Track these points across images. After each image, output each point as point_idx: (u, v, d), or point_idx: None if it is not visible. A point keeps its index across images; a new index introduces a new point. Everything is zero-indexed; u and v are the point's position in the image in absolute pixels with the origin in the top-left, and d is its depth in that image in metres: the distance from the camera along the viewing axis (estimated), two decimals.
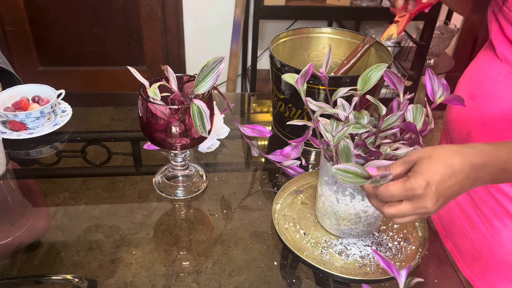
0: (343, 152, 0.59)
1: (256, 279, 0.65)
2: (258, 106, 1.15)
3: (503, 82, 0.70)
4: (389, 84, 0.65)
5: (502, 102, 0.70)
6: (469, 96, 0.76)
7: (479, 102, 0.73)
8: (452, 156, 0.53)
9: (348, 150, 0.59)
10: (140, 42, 2.32)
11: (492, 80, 0.72)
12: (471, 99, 0.75)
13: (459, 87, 0.80)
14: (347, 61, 0.92)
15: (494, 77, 0.71)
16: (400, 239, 0.72)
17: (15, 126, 0.91)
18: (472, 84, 0.76)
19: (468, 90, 0.77)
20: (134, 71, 0.68)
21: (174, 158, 0.79)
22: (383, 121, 0.62)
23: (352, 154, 0.58)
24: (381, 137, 0.64)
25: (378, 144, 0.63)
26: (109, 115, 1.03)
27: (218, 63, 0.64)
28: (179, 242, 0.71)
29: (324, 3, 1.98)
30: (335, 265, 0.67)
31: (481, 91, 0.73)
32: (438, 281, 0.67)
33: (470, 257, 0.82)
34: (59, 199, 0.78)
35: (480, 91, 0.74)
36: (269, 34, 2.34)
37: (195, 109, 0.64)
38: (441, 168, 0.52)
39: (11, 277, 0.64)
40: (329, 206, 0.68)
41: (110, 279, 0.64)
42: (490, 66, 0.73)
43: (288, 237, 0.71)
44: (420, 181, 0.51)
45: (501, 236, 0.74)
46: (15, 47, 2.26)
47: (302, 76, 0.65)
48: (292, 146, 0.75)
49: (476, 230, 0.79)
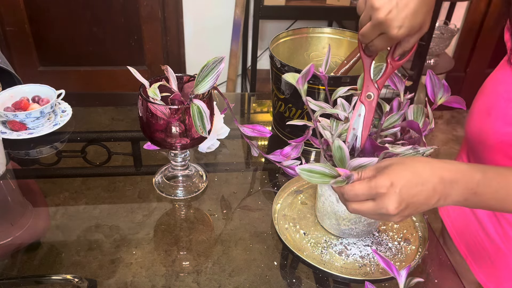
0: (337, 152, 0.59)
1: (256, 279, 0.65)
2: (258, 106, 1.15)
3: None
4: (390, 84, 0.65)
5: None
6: (485, 112, 0.74)
7: (494, 119, 0.72)
8: (422, 166, 0.53)
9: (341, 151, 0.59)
10: (140, 42, 2.32)
11: (508, 100, 0.70)
12: (487, 115, 0.74)
13: (477, 99, 0.78)
14: (347, 61, 0.92)
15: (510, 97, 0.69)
16: (400, 239, 0.72)
17: (15, 126, 0.91)
18: (488, 99, 0.74)
19: (484, 105, 0.75)
20: (134, 71, 0.68)
21: (174, 158, 0.79)
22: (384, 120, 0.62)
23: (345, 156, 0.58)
24: (382, 136, 0.65)
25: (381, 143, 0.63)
26: (109, 115, 1.03)
27: (218, 63, 0.64)
28: (179, 242, 0.71)
29: (324, 3, 1.98)
30: (335, 265, 0.67)
31: (496, 108, 0.72)
32: (438, 281, 0.67)
33: (484, 264, 0.81)
34: (59, 199, 0.78)
35: (495, 108, 0.72)
36: (269, 34, 2.34)
37: (195, 109, 0.64)
38: (408, 174, 0.52)
39: (11, 277, 0.64)
40: (329, 206, 0.68)
41: (110, 279, 0.64)
42: (507, 85, 0.71)
43: (288, 237, 0.71)
44: (384, 180, 0.52)
45: None
46: (15, 47, 2.26)
47: (303, 76, 0.65)
48: (292, 146, 0.75)
49: (491, 241, 0.78)
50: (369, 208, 0.53)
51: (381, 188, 0.51)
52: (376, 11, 0.53)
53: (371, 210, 0.53)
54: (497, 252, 0.78)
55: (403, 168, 0.52)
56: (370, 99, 0.61)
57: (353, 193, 0.54)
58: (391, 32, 0.54)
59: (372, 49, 0.58)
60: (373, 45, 0.57)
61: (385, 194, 0.51)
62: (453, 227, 0.89)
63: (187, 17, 2.27)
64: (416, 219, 0.76)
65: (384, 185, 0.51)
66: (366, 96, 0.61)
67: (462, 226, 0.86)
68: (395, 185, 0.51)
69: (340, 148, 0.58)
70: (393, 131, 0.64)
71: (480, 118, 0.76)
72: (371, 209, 0.53)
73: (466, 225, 0.85)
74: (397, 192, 0.51)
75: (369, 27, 0.55)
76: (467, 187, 0.53)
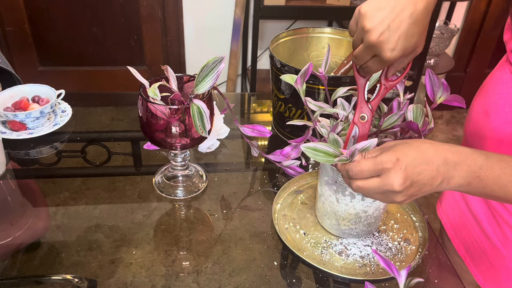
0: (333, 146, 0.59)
1: (256, 279, 0.65)
2: (258, 106, 1.15)
3: None
4: None
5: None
6: (483, 112, 0.74)
7: (493, 120, 0.72)
8: (427, 146, 0.53)
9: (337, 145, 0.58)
10: (140, 42, 2.32)
11: (507, 101, 0.70)
12: (485, 115, 0.74)
13: (475, 100, 0.79)
14: (347, 61, 0.92)
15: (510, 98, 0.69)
16: (400, 239, 0.72)
17: (15, 126, 0.91)
18: (487, 100, 0.74)
19: (482, 105, 0.75)
20: (134, 71, 0.68)
21: (174, 158, 0.79)
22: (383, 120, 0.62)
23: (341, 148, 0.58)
24: (381, 136, 0.65)
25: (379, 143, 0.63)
26: (109, 115, 1.03)
27: (218, 63, 0.64)
28: (179, 242, 0.71)
29: (324, 3, 1.98)
30: (335, 265, 0.67)
31: (495, 109, 0.72)
32: (438, 281, 0.67)
33: (483, 266, 0.81)
34: (59, 199, 0.78)
35: (494, 109, 0.72)
36: (269, 34, 2.34)
37: (195, 109, 0.64)
38: (414, 152, 0.52)
39: (11, 277, 0.64)
40: (329, 206, 0.68)
41: (110, 279, 0.64)
42: (506, 86, 0.71)
43: (288, 237, 0.71)
44: (390, 155, 0.52)
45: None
46: (15, 47, 2.26)
47: (301, 76, 0.65)
48: (292, 146, 0.75)
49: (490, 242, 0.78)
50: (374, 184, 0.53)
51: (386, 163, 0.51)
52: (368, 34, 0.52)
53: (376, 187, 0.53)
54: (496, 254, 0.78)
55: (408, 147, 0.52)
56: (363, 120, 0.60)
57: (358, 169, 0.53)
58: (384, 55, 0.52)
59: (366, 71, 0.57)
60: (367, 66, 0.56)
61: (391, 169, 0.51)
62: (452, 228, 0.89)
63: (187, 17, 2.27)
64: (416, 219, 0.76)
65: (390, 160, 0.51)
66: (360, 117, 0.60)
67: (461, 227, 0.86)
68: (401, 161, 0.51)
69: (336, 141, 0.58)
70: (393, 132, 0.64)
71: (478, 118, 0.76)
72: (376, 185, 0.53)
73: (465, 226, 0.85)
74: (402, 168, 0.51)
75: (361, 49, 0.54)
76: (470, 169, 0.52)
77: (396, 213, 0.77)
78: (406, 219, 0.76)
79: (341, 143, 0.58)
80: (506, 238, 0.75)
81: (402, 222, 0.75)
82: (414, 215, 0.76)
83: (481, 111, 0.75)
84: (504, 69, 0.73)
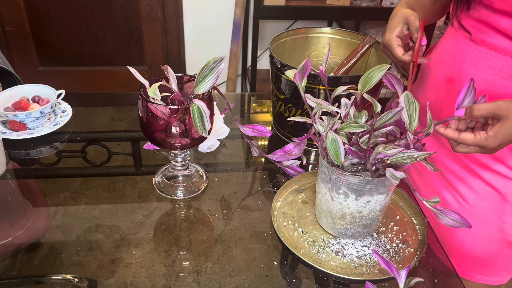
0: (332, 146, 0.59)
1: (256, 279, 0.65)
2: (258, 106, 1.15)
3: (482, 64, 0.72)
4: (388, 85, 0.66)
5: (483, 82, 0.72)
6: (447, 80, 0.79)
7: (458, 84, 0.77)
8: None
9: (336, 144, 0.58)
10: (140, 42, 2.32)
11: (471, 64, 0.74)
12: (449, 82, 0.78)
13: (435, 71, 0.82)
14: (347, 61, 0.92)
15: (474, 60, 0.73)
16: (399, 241, 0.72)
17: (15, 126, 0.91)
18: (450, 68, 0.78)
19: (445, 73, 0.79)
20: (134, 71, 0.68)
21: (174, 158, 0.79)
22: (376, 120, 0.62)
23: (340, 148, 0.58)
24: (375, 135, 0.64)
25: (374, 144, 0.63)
26: (109, 115, 1.03)
27: (218, 63, 0.64)
28: (179, 242, 0.71)
29: (324, 3, 1.98)
30: (331, 264, 0.67)
31: (460, 74, 0.76)
32: (438, 281, 0.67)
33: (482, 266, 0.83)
34: (59, 199, 0.78)
35: (459, 74, 0.76)
36: (269, 34, 2.34)
37: (195, 109, 0.64)
38: None
39: (11, 277, 0.64)
40: (325, 204, 0.68)
41: (110, 279, 0.64)
42: (466, 50, 0.75)
43: (286, 234, 0.71)
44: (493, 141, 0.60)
45: None
46: (15, 47, 2.27)
47: (300, 71, 0.65)
48: (295, 144, 0.75)
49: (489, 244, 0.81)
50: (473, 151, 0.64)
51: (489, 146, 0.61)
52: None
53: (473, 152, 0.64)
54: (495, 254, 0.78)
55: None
56: None
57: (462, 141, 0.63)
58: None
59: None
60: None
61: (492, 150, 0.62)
62: None
63: (187, 17, 2.27)
64: (417, 222, 0.75)
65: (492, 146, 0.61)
66: None
67: None
68: (503, 145, 0.61)
69: (334, 140, 0.58)
70: (386, 130, 0.64)
71: (440, 88, 0.81)
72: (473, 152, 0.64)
73: None
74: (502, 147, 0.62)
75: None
76: None
77: (396, 215, 0.77)
78: (406, 222, 0.75)
79: (340, 143, 0.58)
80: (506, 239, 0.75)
81: (402, 224, 0.75)
82: (415, 217, 0.76)
83: (444, 79, 0.79)
84: (459, 36, 0.76)
